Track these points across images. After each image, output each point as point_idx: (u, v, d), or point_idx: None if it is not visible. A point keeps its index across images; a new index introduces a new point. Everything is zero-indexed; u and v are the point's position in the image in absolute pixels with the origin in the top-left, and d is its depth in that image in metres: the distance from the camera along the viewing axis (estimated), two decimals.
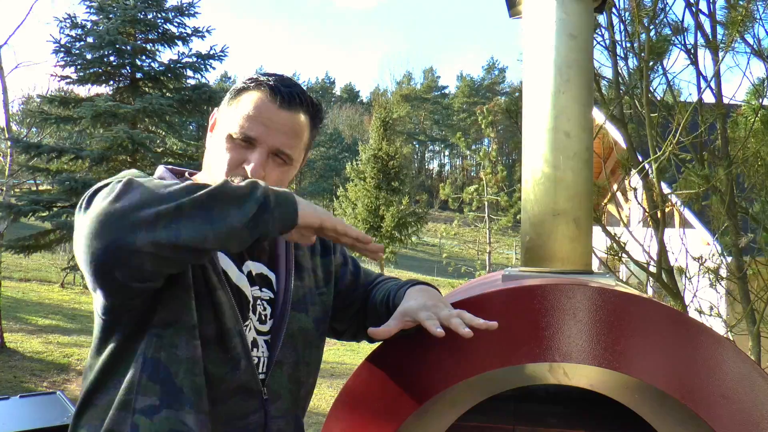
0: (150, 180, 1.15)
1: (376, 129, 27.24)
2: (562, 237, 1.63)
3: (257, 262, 1.47)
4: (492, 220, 20.99)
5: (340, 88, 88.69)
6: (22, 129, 24.42)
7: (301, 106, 1.41)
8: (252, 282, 1.43)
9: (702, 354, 1.25)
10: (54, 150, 11.56)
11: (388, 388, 1.41)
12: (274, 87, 1.38)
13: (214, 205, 1.11)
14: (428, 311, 1.30)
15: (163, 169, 1.48)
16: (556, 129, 1.64)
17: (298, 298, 1.49)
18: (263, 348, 1.41)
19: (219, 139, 1.41)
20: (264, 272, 1.47)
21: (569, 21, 1.67)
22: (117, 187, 1.11)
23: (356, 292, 1.67)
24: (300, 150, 1.44)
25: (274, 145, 1.37)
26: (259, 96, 1.39)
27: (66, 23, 11.77)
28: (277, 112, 1.38)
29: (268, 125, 1.37)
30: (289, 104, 1.38)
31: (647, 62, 3.31)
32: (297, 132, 1.41)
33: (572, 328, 1.32)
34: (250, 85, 1.41)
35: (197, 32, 12.59)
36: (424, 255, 41.98)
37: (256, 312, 1.41)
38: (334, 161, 57.29)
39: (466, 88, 77.13)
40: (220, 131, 1.42)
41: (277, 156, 1.39)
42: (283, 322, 1.43)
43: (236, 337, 1.32)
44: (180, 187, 1.12)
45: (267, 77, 1.40)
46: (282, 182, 1.41)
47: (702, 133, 3.24)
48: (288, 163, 1.41)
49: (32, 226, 16.13)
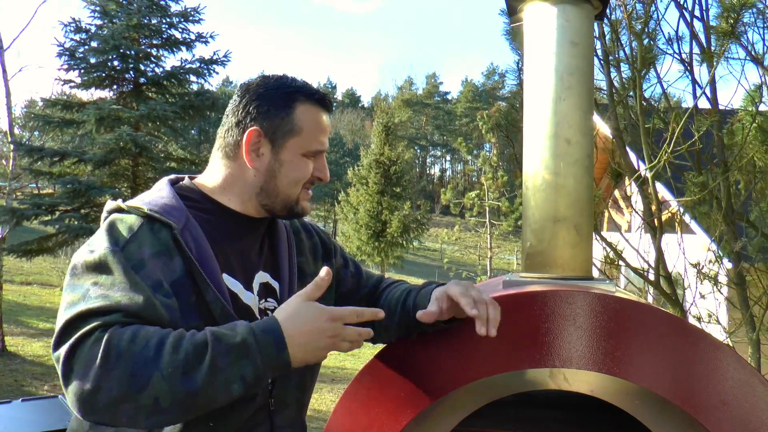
0: (131, 342, 1.09)
1: (378, 134, 27.25)
2: (563, 243, 1.64)
3: (265, 272, 1.47)
4: (493, 225, 20.98)
5: (341, 93, 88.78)
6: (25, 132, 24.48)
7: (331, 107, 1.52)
8: (261, 295, 1.42)
9: (702, 360, 1.26)
10: (57, 153, 11.56)
11: (390, 393, 1.42)
12: (323, 98, 1.47)
13: (197, 397, 1.09)
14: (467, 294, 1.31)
15: (166, 186, 1.43)
16: (557, 136, 1.65)
17: None
18: None
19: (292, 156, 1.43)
20: (268, 281, 1.47)
21: (570, 28, 1.68)
22: (94, 369, 1.06)
23: (359, 293, 1.67)
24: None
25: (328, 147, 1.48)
26: (317, 110, 1.45)
27: (70, 27, 11.80)
28: (328, 118, 1.49)
29: (327, 132, 1.47)
30: (329, 109, 1.49)
31: (639, 71, 3.32)
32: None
33: (573, 334, 1.33)
34: (298, 97, 1.44)
35: (201, 38, 12.62)
36: (426, 260, 41.97)
37: None
38: (335, 166, 57.26)
39: (469, 93, 77.20)
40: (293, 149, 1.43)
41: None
42: None
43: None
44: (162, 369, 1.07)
45: (307, 87, 1.47)
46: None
47: (698, 140, 3.25)
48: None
49: (34, 229, 16.17)
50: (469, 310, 1.26)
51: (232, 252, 1.40)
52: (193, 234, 1.31)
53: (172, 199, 1.36)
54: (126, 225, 1.28)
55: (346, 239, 26.13)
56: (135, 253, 1.23)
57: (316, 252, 1.65)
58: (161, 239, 1.26)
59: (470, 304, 1.27)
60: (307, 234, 1.66)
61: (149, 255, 1.24)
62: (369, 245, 24.49)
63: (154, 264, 1.23)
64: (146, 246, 1.25)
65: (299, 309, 1.19)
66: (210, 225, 1.39)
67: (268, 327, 1.15)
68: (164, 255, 1.25)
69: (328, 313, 1.19)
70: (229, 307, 1.29)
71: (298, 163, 1.43)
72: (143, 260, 1.22)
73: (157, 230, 1.27)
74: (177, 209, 1.33)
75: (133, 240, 1.25)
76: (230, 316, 1.28)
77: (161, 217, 1.28)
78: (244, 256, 1.43)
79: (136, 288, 1.17)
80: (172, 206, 1.34)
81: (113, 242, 1.23)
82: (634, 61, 3.36)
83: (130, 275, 1.19)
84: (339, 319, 1.19)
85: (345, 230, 26.75)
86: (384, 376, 1.43)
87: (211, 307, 1.26)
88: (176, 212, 1.32)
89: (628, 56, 3.55)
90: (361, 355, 13.95)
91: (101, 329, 1.11)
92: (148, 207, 1.31)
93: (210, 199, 1.44)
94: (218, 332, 1.13)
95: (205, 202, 1.43)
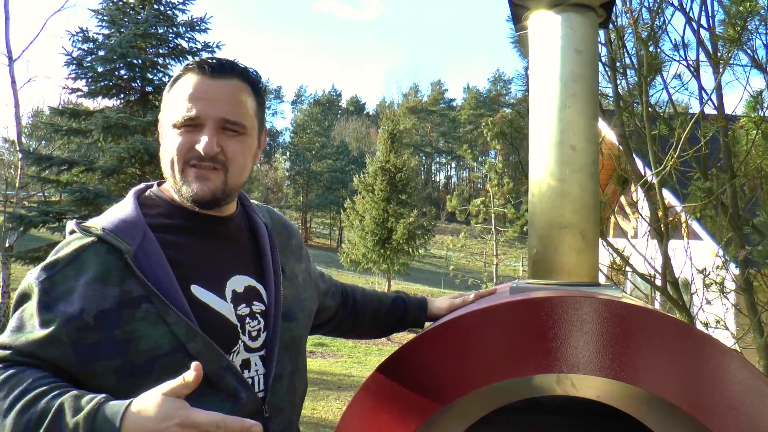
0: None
1: (383, 141, 27.29)
2: (569, 249, 1.65)
3: (244, 275, 1.42)
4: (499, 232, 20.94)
5: (346, 101, 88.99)
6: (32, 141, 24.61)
7: (234, 73, 1.37)
8: (238, 300, 1.37)
9: (709, 365, 1.26)
10: (65, 162, 11.64)
11: (397, 400, 1.43)
12: (200, 62, 1.35)
13: None
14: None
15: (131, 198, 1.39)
16: (562, 143, 1.66)
17: (288, 307, 1.47)
18: (257, 365, 1.38)
19: (166, 134, 1.36)
20: (252, 284, 1.42)
21: (575, 36, 1.69)
22: None
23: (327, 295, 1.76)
24: (250, 117, 1.39)
25: (219, 115, 1.32)
26: (189, 76, 1.35)
27: (78, 37, 11.90)
28: (211, 83, 1.33)
29: (206, 98, 1.32)
30: (221, 72, 1.34)
31: (646, 78, 3.33)
32: (238, 98, 1.36)
33: (580, 339, 1.33)
34: (179, 73, 1.38)
35: (207, 47, 12.71)
36: (431, 267, 41.92)
37: (245, 331, 1.36)
38: (341, 173, 57.37)
39: (473, 100, 77.27)
40: (165, 127, 1.37)
41: (227, 128, 1.34)
42: (276, 334, 1.40)
43: (226, 374, 1.27)
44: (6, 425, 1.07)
45: (193, 61, 1.37)
46: (243, 153, 1.37)
47: (704, 146, 3.26)
48: (241, 132, 1.36)
49: (41, 237, 16.22)
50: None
51: (200, 258, 1.36)
52: (149, 253, 1.26)
53: (132, 214, 1.32)
54: (71, 248, 1.25)
55: (352, 246, 26.12)
56: (68, 279, 1.20)
57: (295, 252, 1.61)
58: (107, 263, 1.23)
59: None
60: (288, 233, 1.62)
61: (87, 280, 1.20)
62: (375, 252, 24.47)
63: (86, 291, 1.19)
64: (86, 270, 1.21)
65: (154, 403, 1.04)
66: (173, 233, 1.34)
67: (111, 415, 1.04)
68: (104, 281, 1.21)
69: (181, 416, 1.04)
70: (194, 324, 1.24)
71: (169, 137, 1.35)
72: (73, 287, 1.19)
73: (105, 253, 1.23)
74: (135, 225, 1.29)
75: (73, 263, 1.22)
76: (196, 334, 1.23)
77: (112, 239, 1.24)
78: (214, 260, 1.38)
79: (46, 324, 1.16)
80: (129, 223, 1.29)
81: (46, 269, 1.22)
82: (641, 68, 3.37)
83: (42, 311, 1.17)
84: (193, 426, 1.03)
85: (351, 237, 26.73)
86: (392, 382, 1.44)
87: (173, 329, 1.21)
88: (133, 230, 1.28)
89: (633, 63, 3.56)
90: (367, 362, 13.95)
91: None
92: (103, 227, 1.26)
93: (171, 203, 1.40)
94: (66, 404, 1.06)
95: (168, 208, 1.39)
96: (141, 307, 1.21)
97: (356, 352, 16.47)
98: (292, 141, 66.15)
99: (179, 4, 12.64)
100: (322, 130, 67.14)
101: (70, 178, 11.84)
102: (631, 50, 3.57)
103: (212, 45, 12.77)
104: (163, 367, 1.20)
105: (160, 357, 1.21)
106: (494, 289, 1.86)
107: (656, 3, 3.42)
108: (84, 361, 1.17)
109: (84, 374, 1.18)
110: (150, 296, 1.22)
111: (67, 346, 1.16)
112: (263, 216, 1.57)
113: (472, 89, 79.95)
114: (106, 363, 1.18)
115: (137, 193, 1.42)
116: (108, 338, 1.18)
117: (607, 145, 4.15)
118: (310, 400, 10.05)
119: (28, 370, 1.14)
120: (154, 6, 12.35)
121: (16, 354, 1.16)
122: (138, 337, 1.20)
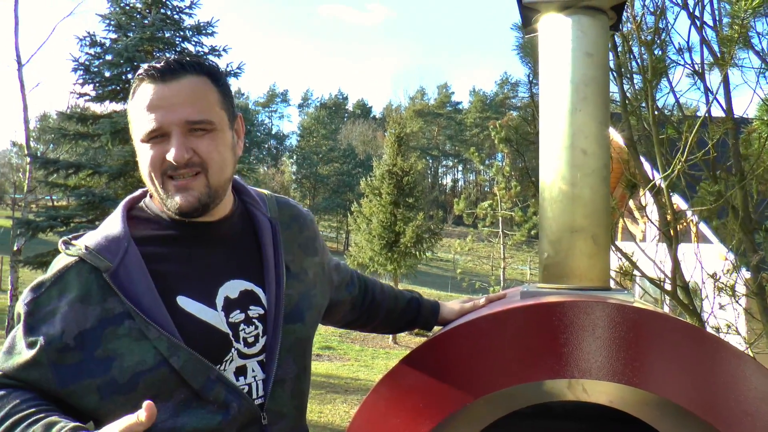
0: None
1: (390, 145, 27.27)
2: (580, 254, 1.64)
3: (239, 279, 1.38)
4: (506, 235, 20.93)
5: (352, 104, 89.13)
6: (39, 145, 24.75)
7: (185, 70, 1.30)
8: (231, 307, 1.34)
9: (723, 370, 1.25)
10: (71, 166, 11.71)
11: (408, 404, 1.42)
12: (149, 69, 1.29)
13: None
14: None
15: (119, 211, 1.38)
16: (573, 146, 1.65)
17: (292, 308, 1.42)
18: (255, 371, 1.35)
19: (138, 149, 1.33)
20: (249, 288, 1.38)
21: (585, 39, 1.68)
22: None
23: (341, 287, 1.73)
24: (215, 111, 1.33)
25: (181, 118, 1.27)
26: (143, 85, 1.30)
27: (86, 41, 11.96)
28: (165, 88, 1.28)
29: (163, 105, 1.27)
30: (171, 74, 1.29)
31: (651, 82, 3.32)
32: (195, 95, 1.30)
33: (591, 344, 1.32)
34: (135, 83, 1.34)
35: (214, 51, 12.76)
36: (438, 270, 41.90)
37: (239, 338, 1.33)
38: (347, 177, 57.49)
39: (479, 103, 77.30)
40: (135, 142, 1.34)
41: (195, 130, 1.29)
42: (277, 338, 1.36)
43: (215, 385, 1.25)
44: None
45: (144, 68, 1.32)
46: (217, 150, 1.32)
47: (712, 148, 3.24)
48: (210, 129, 1.31)
49: (49, 241, 16.28)
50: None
51: (188, 268, 1.33)
52: (129, 269, 1.24)
53: (116, 229, 1.30)
54: (58, 266, 1.25)
55: (358, 250, 26.11)
56: (52, 299, 1.21)
57: (307, 246, 1.56)
58: (88, 282, 1.22)
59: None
60: (298, 225, 1.56)
61: (69, 300, 1.21)
62: (382, 255, 24.46)
63: (68, 312, 1.20)
64: (68, 291, 1.22)
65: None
66: (161, 245, 1.33)
67: None
68: (84, 301, 1.21)
69: None
70: (176, 338, 1.22)
71: (141, 153, 1.32)
72: (56, 308, 1.20)
73: (87, 272, 1.23)
74: (117, 241, 1.27)
75: (57, 283, 1.23)
76: (179, 347, 1.22)
77: (92, 259, 1.23)
78: (204, 268, 1.35)
79: (29, 346, 1.18)
80: (112, 239, 1.28)
81: (33, 290, 1.23)
82: (646, 72, 3.36)
83: (27, 333, 1.19)
84: None
85: (358, 240, 26.74)
86: (402, 387, 1.43)
87: (155, 344, 1.20)
88: (115, 245, 1.26)
89: (639, 66, 3.54)
90: (374, 366, 13.93)
91: None
92: (85, 245, 1.26)
93: (160, 213, 1.37)
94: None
95: (156, 219, 1.37)
96: (123, 324, 1.20)
97: (363, 355, 16.46)
98: (299, 144, 66.33)
99: (186, 9, 12.70)
100: (329, 133, 67.30)
101: (77, 182, 11.90)
102: (637, 54, 3.56)
103: (219, 49, 12.82)
104: (147, 383, 1.19)
105: (144, 373, 1.20)
106: (504, 294, 1.85)
107: (658, 7, 3.41)
108: (66, 382, 1.18)
109: (67, 394, 1.19)
110: (131, 313, 1.21)
111: (48, 368, 1.17)
112: (269, 210, 1.51)
113: (478, 92, 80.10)
114: (88, 382, 1.18)
115: (127, 205, 1.40)
116: (90, 357, 1.18)
117: (615, 148, 4.13)
118: (317, 404, 10.05)
119: (13, 393, 1.17)
120: (161, 10, 12.40)
121: (4, 377, 1.20)
122: (121, 354, 1.19)
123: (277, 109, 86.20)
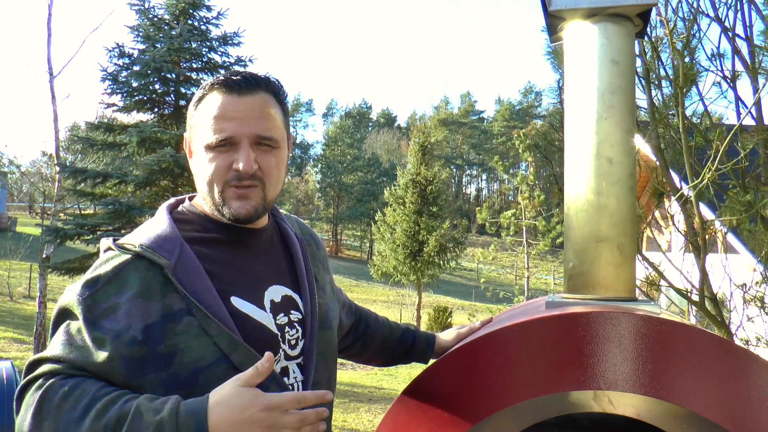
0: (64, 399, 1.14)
1: (414, 154, 27.29)
2: (606, 264, 1.62)
3: (280, 285, 1.43)
4: (530, 244, 20.77)
5: (376, 113, 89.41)
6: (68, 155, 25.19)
7: (259, 86, 1.37)
8: (277, 310, 1.39)
9: (754, 383, 1.23)
10: (99, 175, 11.87)
11: (433, 415, 1.41)
12: (225, 80, 1.35)
13: None
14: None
15: (164, 213, 1.41)
16: (599, 155, 1.64)
17: (323, 315, 1.49)
18: (296, 372, 1.39)
19: (199, 155, 1.37)
20: (289, 294, 1.44)
21: (611, 47, 1.67)
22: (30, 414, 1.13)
23: (343, 310, 1.75)
24: (279, 129, 1.40)
25: (253, 132, 1.33)
26: (216, 95, 1.36)
27: (114, 52, 12.14)
28: (240, 100, 1.34)
29: (237, 117, 1.33)
30: (247, 88, 1.35)
31: (682, 89, 3.28)
32: (267, 112, 1.37)
33: (617, 356, 1.31)
34: (204, 91, 1.39)
35: (240, 61, 12.87)
36: (462, 280, 41.74)
37: (285, 339, 1.38)
38: (371, 186, 57.54)
39: (506, 111, 77.11)
40: (197, 147, 1.38)
41: (261, 144, 1.35)
42: (313, 343, 1.42)
43: (271, 383, 1.27)
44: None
45: (219, 78, 1.38)
46: (277, 167, 1.39)
47: (743, 158, 3.19)
48: (275, 146, 1.38)
49: (76, 249, 16.54)
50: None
51: (237, 270, 1.37)
52: (188, 267, 1.28)
53: (167, 229, 1.33)
54: (111, 265, 1.26)
55: (382, 259, 26.13)
56: (110, 296, 1.22)
57: (324, 263, 1.64)
58: (147, 279, 1.24)
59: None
60: (316, 243, 1.64)
61: (129, 297, 1.22)
62: (406, 265, 24.44)
63: (130, 307, 1.21)
64: (128, 287, 1.23)
65: (232, 395, 1.12)
66: (209, 246, 1.36)
67: (194, 410, 1.11)
68: (146, 297, 1.23)
69: (262, 402, 1.12)
70: (236, 335, 1.26)
71: (203, 159, 1.36)
72: (117, 304, 1.22)
73: (145, 269, 1.25)
74: (171, 240, 1.30)
75: (112, 281, 1.24)
76: (239, 344, 1.25)
77: (151, 255, 1.26)
78: (251, 272, 1.40)
79: (95, 339, 1.19)
80: (166, 238, 1.31)
81: (87, 286, 1.24)
82: (676, 78, 3.32)
83: (89, 327, 1.20)
84: (276, 408, 1.12)
85: (381, 250, 26.75)
86: (427, 397, 1.43)
87: (216, 340, 1.23)
88: (170, 244, 1.29)
89: (668, 74, 3.51)
90: (398, 375, 13.88)
91: (45, 377, 1.17)
92: (140, 243, 1.28)
93: (205, 217, 1.41)
94: (143, 406, 1.11)
95: (201, 221, 1.41)
96: (182, 320, 1.23)
97: None
98: (324, 153, 66.59)
99: (213, 19, 12.84)
100: (354, 142, 67.49)
101: (104, 191, 12.06)
102: (666, 61, 3.53)
103: (245, 59, 12.92)
104: (207, 378, 1.22)
105: (204, 369, 1.22)
106: (490, 318, 1.95)
107: (691, 14, 3.38)
108: (132, 376, 1.20)
109: (132, 388, 1.20)
110: (191, 309, 1.24)
111: (116, 361, 1.18)
112: (293, 226, 1.59)
113: (503, 101, 79.91)
114: (153, 376, 1.21)
115: (169, 208, 1.43)
116: (153, 352, 1.20)
117: (642, 157, 4.09)
118: (341, 412, 10.04)
119: (87, 380, 1.17)
120: (189, 21, 12.56)
121: (70, 367, 1.19)
122: (181, 349, 1.22)
123: (301, 119, 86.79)
